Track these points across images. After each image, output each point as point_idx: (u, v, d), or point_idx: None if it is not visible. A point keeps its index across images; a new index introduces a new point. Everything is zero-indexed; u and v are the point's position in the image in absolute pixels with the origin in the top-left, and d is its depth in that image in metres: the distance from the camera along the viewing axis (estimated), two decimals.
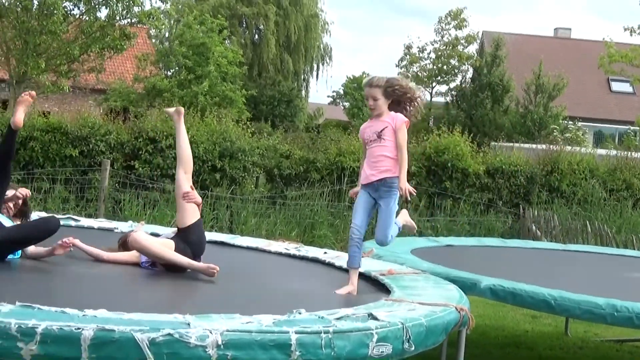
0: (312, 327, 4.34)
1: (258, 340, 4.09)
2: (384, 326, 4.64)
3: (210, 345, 3.98)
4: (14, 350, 3.81)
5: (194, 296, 5.69)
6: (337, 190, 14.71)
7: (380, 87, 6.10)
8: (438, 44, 42.03)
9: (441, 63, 41.84)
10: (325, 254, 8.03)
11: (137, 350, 3.86)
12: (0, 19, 18.12)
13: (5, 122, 13.55)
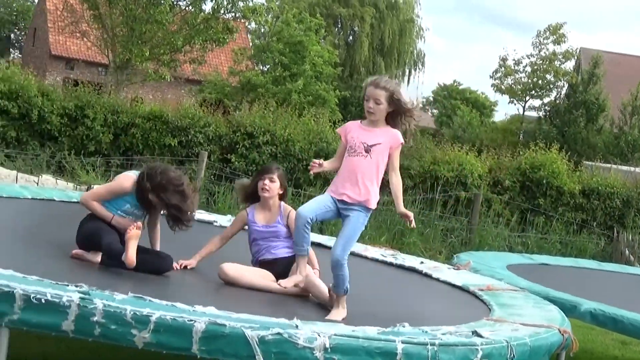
0: (418, 338, 4.31)
1: (365, 346, 4.09)
2: (489, 343, 4.59)
3: (317, 347, 3.99)
4: (127, 337, 3.88)
5: (291, 303, 5.69)
6: (429, 198, 14.61)
7: (387, 92, 5.32)
8: (534, 58, 41.53)
9: (536, 77, 41.33)
10: (422, 264, 7.98)
11: (246, 346, 3.91)
12: (109, 5, 18.45)
13: (102, 105, 13.83)
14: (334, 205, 5.30)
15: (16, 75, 13.71)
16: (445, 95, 56.24)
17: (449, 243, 14.27)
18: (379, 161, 5.30)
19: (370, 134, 5.30)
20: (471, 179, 15.16)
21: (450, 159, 15.34)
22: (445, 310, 6.09)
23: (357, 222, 5.36)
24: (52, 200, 8.14)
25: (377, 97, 5.28)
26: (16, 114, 13.30)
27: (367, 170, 5.27)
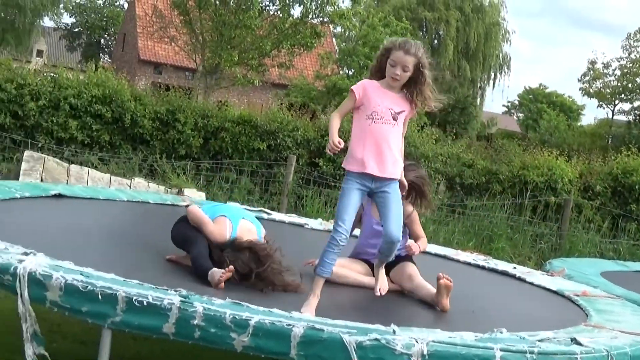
0: (516, 346, 4.26)
1: (463, 353, 4.05)
2: (588, 352, 4.50)
3: (415, 354, 3.96)
4: (226, 340, 3.93)
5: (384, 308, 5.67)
6: (518, 203, 14.45)
7: (416, 59, 4.86)
8: (624, 61, 40.78)
9: (626, 80, 40.58)
10: (514, 269, 7.90)
11: (343, 352, 3.90)
12: (199, 11, 18.72)
13: (192, 109, 14.01)
14: (361, 192, 4.82)
15: (110, 80, 13.99)
16: (530, 99, 55.52)
17: (539, 249, 14.08)
18: (401, 129, 4.87)
19: (394, 100, 4.85)
20: (561, 184, 14.95)
21: (539, 164, 15.15)
22: (541, 314, 6.02)
23: (398, 197, 4.87)
24: (147, 202, 8.29)
25: (407, 64, 4.82)
26: (110, 118, 13.58)
27: (396, 140, 4.83)
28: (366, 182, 4.78)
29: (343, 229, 4.75)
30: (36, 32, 44.88)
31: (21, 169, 11.57)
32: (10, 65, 14.19)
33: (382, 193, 4.84)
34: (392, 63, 4.82)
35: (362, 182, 4.79)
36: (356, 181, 4.79)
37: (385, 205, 4.86)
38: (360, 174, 4.76)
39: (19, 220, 6.17)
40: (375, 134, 4.72)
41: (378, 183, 4.80)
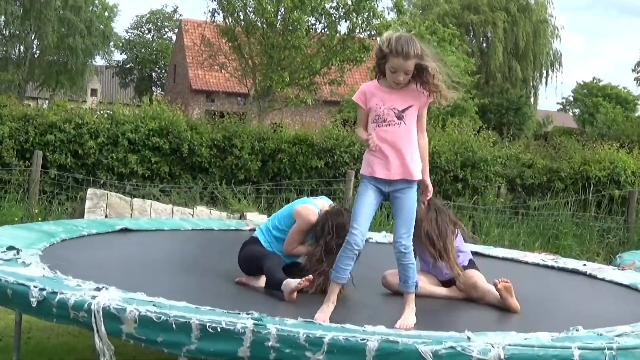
0: (594, 343, 4.22)
1: (540, 355, 4.02)
2: None
3: (492, 359, 3.94)
4: (302, 359, 3.92)
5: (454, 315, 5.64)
6: (582, 200, 14.29)
7: (417, 58, 4.63)
8: None
9: None
10: (584, 266, 7.81)
11: None
12: (247, 35, 18.88)
13: (248, 133, 14.10)
14: (377, 194, 4.70)
15: (165, 112, 14.16)
16: (585, 93, 54.91)
17: (606, 244, 13.91)
18: (411, 126, 4.71)
19: (398, 98, 4.68)
20: (624, 177, 14.74)
21: (600, 158, 14.96)
22: (616, 310, 5.94)
23: (412, 201, 4.76)
24: (211, 229, 8.38)
25: (408, 68, 4.63)
26: (168, 150, 13.73)
27: (405, 140, 4.68)
28: (379, 184, 4.68)
29: (358, 232, 4.67)
30: (89, 71, 45.68)
31: (85, 207, 11.75)
32: (66, 106, 14.44)
33: (395, 196, 4.73)
34: (392, 70, 4.65)
35: (376, 184, 4.70)
36: (370, 183, 4.71)
37: (395, 209, 4.75)
38: (372, 177, 4.69)
39: (89, 257, 6.28)
40: (380, 138, 4.64)
41: (391, 186, 4.70)
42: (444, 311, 5.62)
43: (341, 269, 4.75)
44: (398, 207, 4.73)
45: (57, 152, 13.44)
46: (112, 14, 53.81)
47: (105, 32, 47.01)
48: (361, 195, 4.72)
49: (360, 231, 4.66)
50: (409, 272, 4.77)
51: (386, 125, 4.67)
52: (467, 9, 43.51)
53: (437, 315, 5.43)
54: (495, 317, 5.44)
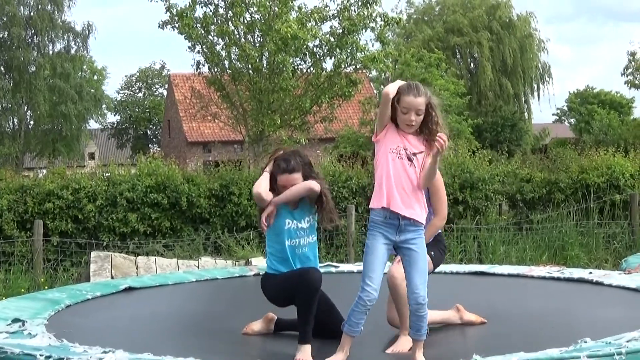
0: (603, 350, 4.22)
1: None
2: None
3: None
4: None
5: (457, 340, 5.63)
6: (584, 208, 14.29)
7: (426, 98, 4.67)
8: None
9: None
10: (590, 274, 7.80)
11: None
12: (235, 83, 18.98)
13: (245, 179, 14.14)
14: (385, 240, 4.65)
15: (160, 168, 14.21)
16: (579, 102, 55.03)
17: (613, 249, 13.90)
18: (419, 171, 4.68)
19: (410, 139, 4.69)
20: (623, 180, 14.75)
21: (597, 165, 14.98)
22: (624, 316, 5.92)
23: (424, 250, 4.73)
24: (215, 279, 8.38)
25: (419, 107, 4.65)
26: (167, 205, 13.77)
27: (415, 178, 4.66)
28: (386, 229, 4.64)
29: (371, 288, 4.62)
30: (84, 136, 45.86)
31: (90, 271, 11.78)
32: (64, 173, 14.50)
33: (406, 247, 4.67)
34: (404, 109, 4.65)
35: (384, 229, 4.65)
36: (377, 232, 4.66)
37: (411, 259, 4.68)
38: (380, 210, 4.65)
39: (95, 321, 6.28)
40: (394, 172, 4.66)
41: (401, 235, 4.65)
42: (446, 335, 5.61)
43: (354, 322, 4.70)
44: (412, 256, 4.67)
45: (57, 219, 13.48)
46: (101, 77, 54.31)
47: (96, 96, 47.30)
48: (371, 247, 4.68)
49: (374, 288, 4.61)
50: (424, 322, 4.68)
51: (397, 158, 4.66)
52: (450, 32, 43.75)
53: (440, 340, 5.41)
54: (501, 337, 5.42)
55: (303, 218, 5.29)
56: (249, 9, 18.41)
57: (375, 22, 18.73)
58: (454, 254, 13.49)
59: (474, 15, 43.62)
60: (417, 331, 4.69)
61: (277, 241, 5.31)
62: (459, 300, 6.46)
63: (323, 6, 18.87)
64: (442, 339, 5.45)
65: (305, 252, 5.29)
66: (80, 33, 41.22)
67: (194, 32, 18.07)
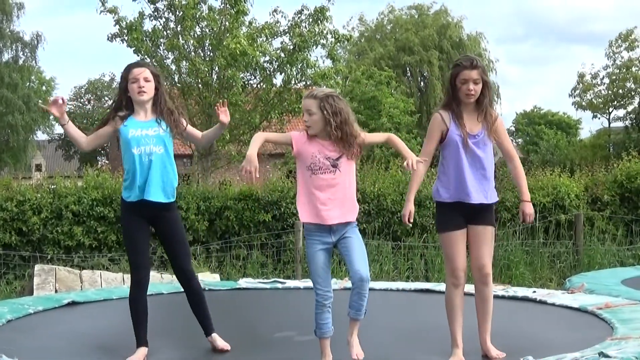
0: None
1: None
2: None
3: None
4: None
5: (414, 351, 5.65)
6: (529, 227, 14.42)
7: (316, 99, 5.07)
8: (611, 68, 41.03)
9: (616, 87, 40.78)
10: (534, 293, 7.89)
11: None
12: (184, 97, 18.88)
13: (192, 194, 14.06)
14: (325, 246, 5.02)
15: (107, 181, 14.07)
16: (526, 122, 55.65)
17: (558, 269, 14.04)
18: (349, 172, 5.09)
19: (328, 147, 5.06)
20: (568, 201, 14.93)
21: (543, 184, 15.14)
22: (566, 335, 6.00)
23: (359, 237, 5.11)
24: (161, 293, 8.32)
25: (308, 107, 5.08)
26: (113, 218, 13.62)
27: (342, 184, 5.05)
28: (324, 235, 5.02)
29: (322, 290, 4.97)
30: (31, 147, 45.33)
31: (34, 284, 11.59)
32: (10, 184, 14.27)
33: (344, 237, 5.03)
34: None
35: (321, 236, 5.04)
36: (314, 239, 5.06)
37: (351, 246, 5.02)
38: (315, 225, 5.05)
39: (37, 337, 6.20)
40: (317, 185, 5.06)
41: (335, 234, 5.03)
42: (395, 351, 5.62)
43: (321, 324, 5.01)
44: (351, 244, 5.01)
45: (0, 231, 13.29)
46: (50, 88, 53.69)
47: None
48: (311, 255, 5.03)
49: (326, 289, 4.97)
50: (365, 301, 4.98)
51: (320, 172, 5.01)
52: (402, 51, 43.99)
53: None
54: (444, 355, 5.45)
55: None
56: (200, 23, 18.33)
57: (326, 38, 18.78)
58: (401, 272, 13.54)
59: (424, 34, 43.94)
60: (358, 310, 5.00)
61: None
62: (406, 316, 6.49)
63: (274, 22, 18.87)
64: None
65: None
66: (29, 43, 40.79)
67: (143, 46, 17.92)
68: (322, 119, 4.99)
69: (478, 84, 5.28)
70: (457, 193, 5.35)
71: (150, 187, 5.56)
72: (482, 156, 5.36)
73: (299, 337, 6.09)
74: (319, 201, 4.96)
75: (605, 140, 42.70)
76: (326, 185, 4.96)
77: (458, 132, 5.34)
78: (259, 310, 7.86)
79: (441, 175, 5.46)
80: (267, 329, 6.69)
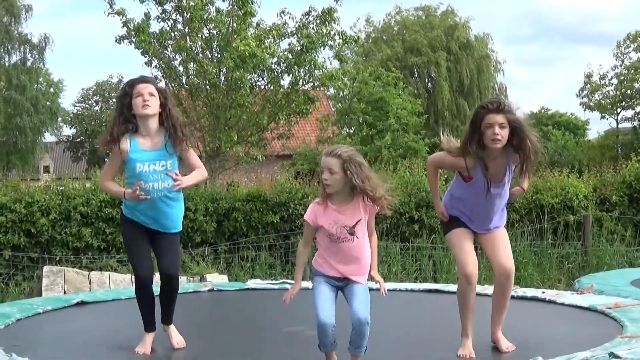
0: None
1: None
2: None
3: None
4: None
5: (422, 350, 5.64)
6: (538, 228, 14.40)
7: (340, 159, 4.90)
8: (619, 69, 40.95)
9: (624, 88, 40.69)
10: (543, 294, 7.87)
11: None
12: (192, 98, 18.92)
13: (201, 195, 14.05)
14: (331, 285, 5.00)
15: None
16: (534, 123, 55.53)
17: (567, 270, 14.00)
18: (365, 235, 5.02)
19: (346, 213, 4.98)
20: (577, 201, 14.89)
21: (552, 185, 15.10)
22: (577, 333, 5.99)
23: (366, 286, 5.06)
24: None
25: (330, 165, 4.91)
26: None
27: (359, 249, 4.99)
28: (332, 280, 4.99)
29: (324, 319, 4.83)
30: (39, 149, 45.44)
31: (42, 285, 11.62)
32: (19, 186, 14.29)
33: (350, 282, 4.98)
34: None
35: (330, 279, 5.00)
36: (324, 278, 5.01)
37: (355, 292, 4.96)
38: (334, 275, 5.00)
39: (46, 335, 6.22)
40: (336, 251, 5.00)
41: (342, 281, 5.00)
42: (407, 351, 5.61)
43: (326, 343, 4.94)
44: (356, 291, 4.95)
45: (9, 232, 13.30)
46: (57, 90, 53.78)
47: (52, 109, 46.89)
48: (317, 290, 4.96)
49: (327, 317, 4.82)
50: (365, 340, 4.91)
51: (338, 240, 4.96)
52: (409, 52, 44.01)
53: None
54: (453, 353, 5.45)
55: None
56: (207, 24, 18.35)
57: (333, 40, 18.77)
58: (409, 273, 13.53)
59: (432, 35, 43.94)
60: (357, 348, 4.94)
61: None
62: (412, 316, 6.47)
63: (282, 23, 18.88)
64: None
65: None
66: (37, 45, 40.89)
67: (151, 48, 17.95)
68: (342, 179, 4.90)
69: (504, 128, 5.17)
70: (474, 226, 5.52)
71: (154, 222, 5.66)
72: (503, 194, 5.50)
73: (308, 331, 6.09)
74: (336, 261, 4.98)
75: (613, 141, 42.63)
76: (344, 251, 4.97)
77: (482, 179, 5.37)
78: (268, 308, 7.87)
79: (457, 203, 5.56)
80: (275, 324, 6.77)
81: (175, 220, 5.70)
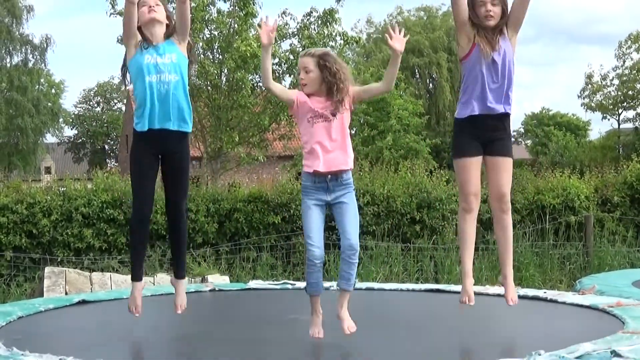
0: None
1: None
2: None
3: None
4: None
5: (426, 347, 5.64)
6: (539, 229, 14.40)
7: (314, 57, 5.13)
8: (620, 69, 40.94)
9: (626, 88, 40.67)
10: (545, 294, 7.88)
11: None
12: (193, 99, 18.94)
13: (202, 196, 14.06)
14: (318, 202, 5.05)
15: (117, 183, 14.08)
16: (535, 124, 55.57)
17: (568, 270, 14.01)
18: (344, 121, 5.15)
19: (324, 99, 5.14)
20: (578, 202, 14.89)
21: (553, 186, 15.12)
22: (578, 329, 5.99)
23: (354, 201, 5.15)
24: (171, 294, 8.32)
25: (305, 64, 5.14)
26: (122, 220, 13.64)
27: (341, 131, 5.13)
28: (319, 190, 5.04)
29: (314, 247, 4.95)
30: (41, 150, 45.47)
31: (44, 286, 11.62)
32: (20, 187, 14.30)
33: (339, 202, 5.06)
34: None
35: (316, 192, 5.05)
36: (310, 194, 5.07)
37: (344, 212, 5.06)
38: (312, 174, 5.09)
39: (47, 331, 6.24)
40: (316, 131, 5.11)
41: (325, 183, 5.04)
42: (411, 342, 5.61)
43: (312, 283, 5.10)
44: (345, 210, 5.05)
45: (10, 234, 13.31)
46: (59, 91, 53.85)
47: (53, 109, 46.92)
48: (305, 210, 5.06)
49: (316, 245, 4.95)
50: (354, 270, 5.03)
51: (318, 119, 5.09)
52: (410, 53, 44.02)
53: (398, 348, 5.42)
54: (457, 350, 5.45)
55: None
56: (209, 25, 18.37)
57: (335, 40, 18.79)
58: (411, 274, 13.53)
59: (434, 36, 43.98)
60: (347, 280, 5.05)
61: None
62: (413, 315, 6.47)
63: (283, 24, 18.89)
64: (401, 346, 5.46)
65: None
66: (38, 46, 40.92)
67: None
68: (319, 77, 5.05)
69: (496, 6, 5.33)
70: (492, 104, 5.61)
71: (165, 117, 5.61)
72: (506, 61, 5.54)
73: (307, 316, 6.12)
74: (320, 145, 5.03)
75: (614, 142, 42.64)
76: (325, 131, 5.03)
77: (479, 49, 5.50)
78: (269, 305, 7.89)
79: (470, 93, 5.66)
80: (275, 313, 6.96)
81: (186, 115, 5.78)
